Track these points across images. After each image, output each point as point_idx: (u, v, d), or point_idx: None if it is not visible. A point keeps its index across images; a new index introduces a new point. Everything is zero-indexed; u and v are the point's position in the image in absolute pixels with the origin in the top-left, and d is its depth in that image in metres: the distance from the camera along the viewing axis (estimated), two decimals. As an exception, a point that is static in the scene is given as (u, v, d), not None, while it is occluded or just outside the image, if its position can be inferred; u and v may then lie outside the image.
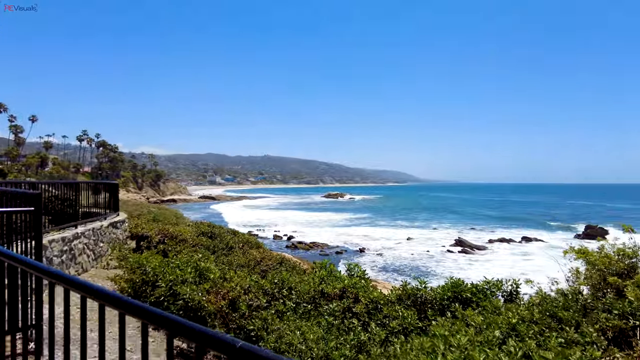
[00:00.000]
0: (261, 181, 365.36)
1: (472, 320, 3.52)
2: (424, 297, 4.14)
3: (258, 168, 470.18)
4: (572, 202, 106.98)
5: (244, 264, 8.19)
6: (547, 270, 22.05)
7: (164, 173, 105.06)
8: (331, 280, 5.13)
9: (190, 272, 5.44)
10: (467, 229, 48.52)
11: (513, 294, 4.98)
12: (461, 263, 29.85)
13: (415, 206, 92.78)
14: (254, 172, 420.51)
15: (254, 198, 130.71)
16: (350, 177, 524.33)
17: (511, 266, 27.86)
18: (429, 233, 45.70)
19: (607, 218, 58.62)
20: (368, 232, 46.73)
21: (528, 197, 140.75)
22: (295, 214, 72.06)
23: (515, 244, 37.81)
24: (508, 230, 46.49)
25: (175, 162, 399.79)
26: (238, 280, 5.35)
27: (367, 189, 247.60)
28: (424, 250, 35.24)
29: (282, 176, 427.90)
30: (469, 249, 35.11)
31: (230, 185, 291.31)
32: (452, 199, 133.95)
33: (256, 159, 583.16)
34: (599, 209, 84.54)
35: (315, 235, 44.27)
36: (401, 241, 40.03)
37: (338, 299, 4.79)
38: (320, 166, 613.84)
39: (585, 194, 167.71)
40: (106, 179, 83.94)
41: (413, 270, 27.81)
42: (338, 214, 71.48)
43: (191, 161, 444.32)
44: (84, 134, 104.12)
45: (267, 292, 5.24)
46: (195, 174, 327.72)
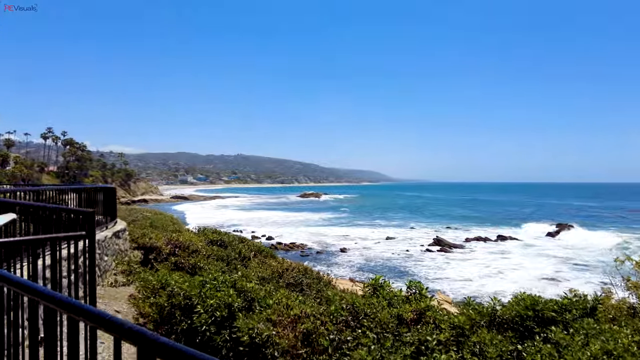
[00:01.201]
0: (234, 181, 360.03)
1: (577, 347, 2.99)
2: (502, 317, 3.62)
3: (231, 167, 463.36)
4: (541, 201, 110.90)
5: (268, 277, 7.38)
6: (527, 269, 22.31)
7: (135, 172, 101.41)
8: (397, 301, 4.55)
9: (232, 294, 4.60)
10: (444, 228, 49.18)
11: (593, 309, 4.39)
12: (441, 262, 30.02)
13: (391, 205, 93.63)
14: (227, 171, 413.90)
15: (228, 198, 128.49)
16: (325, 177, 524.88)
17: (490, 265, 28.26)
18: (408, 232, 46.02)
19: (573, 217, 61.28)
20: (347, 231, 46.55)
21: (498, 196, 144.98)
22: (272, 214, 71.14)
23: (492, 243, 38.52)
24: (483, 229, 47.39)
25: (145, 161, 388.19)
26: (302, 307, 4.44)
27: (342, 189, 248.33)
28: (403, 249, 35.35)
29: (256, 175, 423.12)
30: (447, 247, 35.47)
31: (203, 185, 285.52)
32: (426, 198, 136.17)
33: (229, 158, 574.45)
34: (566, 207, 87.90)
35: (293, 235, 43.72)
36: (380, 241, 40.06)
37: (414, 324, 4.07)
38: (295, 165, 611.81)
39: (555, 193, 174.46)
40: (74, 178, 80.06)
41: (395, 270, 27.77)
42: (316, 214, 71.09)
43: (162, 160, 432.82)
44: (48, 132, 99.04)
45: (337, 320, 4.27)
46: (166, 174, 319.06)
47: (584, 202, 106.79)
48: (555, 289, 21.40)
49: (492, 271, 26.31)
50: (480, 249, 34.98)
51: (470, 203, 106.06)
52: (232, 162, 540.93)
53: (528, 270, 25.72)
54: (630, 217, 64.59)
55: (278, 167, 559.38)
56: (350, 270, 27.63)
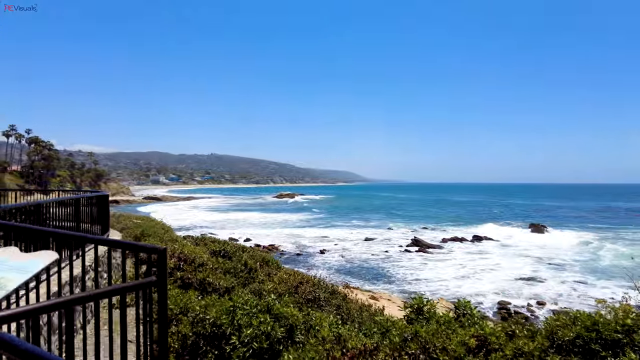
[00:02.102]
0: (208, 181, 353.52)
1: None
2: (562, 339, 3.35)
3: (204, 167, 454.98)
4: (511, 202, 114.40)
5: (284, 292, 6.75)
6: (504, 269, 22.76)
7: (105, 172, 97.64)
8: (453, 326, 4.18)
9: (269, 321, 4.02)
10: (421, 228, 49.81)
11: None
12: (421, 263, 30.28)
13: (368, 206, 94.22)
14: (200, 171, 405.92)
15: (202, 198, 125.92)
16: (300, 177, 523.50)
17: (467, 265, 28.70)
18: (386, 233, 46.30)
19: (544, 217, 63.66)
20: (326, 232, 46.38)
21: (472, 197, 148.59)
22: (248, 215, 70.13)
23: (468, 243, 39.26)
24: (458, 229, 48.28)
25: (115, 161, 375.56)
26: (362, 339, 3.84)
27: (318, 189, 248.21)
28: (382, 250, 35.50)
29: (231, 176, 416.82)
30: (426, 248, 35.87)
31: (176, 185, 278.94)
32: (401, 198, 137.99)
33: (202, 158, 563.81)
34: (537, 207, 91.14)
35: (271, 237, 43.20)
36: (359, 241, 40.10)
37: (478, 352, 3.51)
38: (270, 166, 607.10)
39: (524, 194, 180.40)
40: (39, 178, 76.27)
41: (374, 271, 27.81)
42: (293, 215, 70.59)
43: (133, 160, 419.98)
44: (11, 129, 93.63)
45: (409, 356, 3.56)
46: (137, 174, 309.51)
47: (554, 202, 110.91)
48: (533, 289, 21.97)
49: (470, 271, 26.72)
50: (457, 249, 35.56)
51: (445, 203, 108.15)
52: (206, 162, 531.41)
53: (505, 271, 26.28)
54: (591, 217, 67.76)
55: (253, 167, 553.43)
56: (329, 272, 27.45)
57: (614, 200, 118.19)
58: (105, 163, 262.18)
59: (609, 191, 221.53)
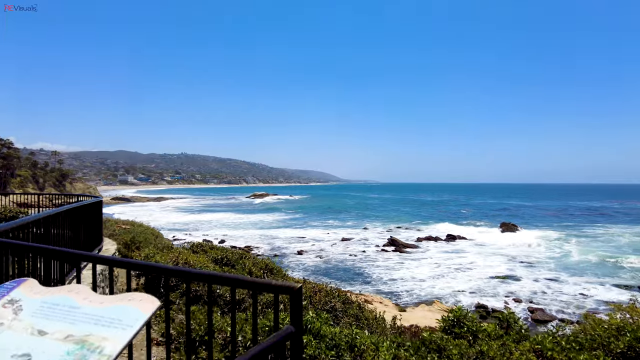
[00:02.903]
0: (178, 181, 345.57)
1: None
2: (616, 350, 3.16)
3: (174, 167, 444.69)
4: (481, 201, 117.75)
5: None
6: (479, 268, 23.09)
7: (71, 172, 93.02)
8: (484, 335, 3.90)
9: (313, 343, 3.45)
10: (396, 228, 50.30)
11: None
12: (397, 262, 30.43)
13: (343, 206, 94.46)
14: (170, 171, 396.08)
15: (173, 199, 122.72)
16: (274, 177, 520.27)
17: (442, 264, 29.07)
18: (362, 233, 46.42)
19: (512, 216, 65.86)
20: (302, 233, 46.00)
21: (441, 196, 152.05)
22: (222, 216, 68.75)
23: (442, 242, 39.89)
24: (432, 228, 49.08)
25: (81, 160, 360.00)
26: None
27: (292, 189, 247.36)
28: (359, 250, 35.49)
29: (202, 176, 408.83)
30: (402, 247, 36.14)
31: (145, 186, 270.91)
32: (375, 198, 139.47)
33: (172, 158, 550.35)
34: (506, 206, 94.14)
35: (247, 238, 42.44)
36: (336, 242, 39.96)
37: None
38: (242, 165, 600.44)
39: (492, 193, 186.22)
40: (-4, 178, 71.57)
41: (351, 271, 27.70)
42: (269, 215, 69.76)
43: (99, 159, 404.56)
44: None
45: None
46: (104, 173, 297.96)
47: (522, 202, 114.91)
48: (508, 287, 22.44)
49: (445, 270, 27.03)
50: (433, 249, 36.03)
51: (417, 203, 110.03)
52: (176, 161, 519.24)
53: (480, 269, 26.77)
54: (556, 216, 70.66)
55: (224, 167, 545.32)
56: (305, 273, 27.13)
57: (577, 200, 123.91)
58: (70, 162, 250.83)
59: (573, 191, 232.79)
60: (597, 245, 35.12)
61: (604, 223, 55.81)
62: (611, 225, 52.35)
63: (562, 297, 19.73)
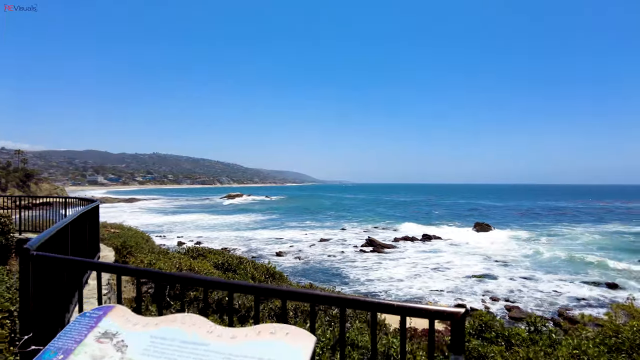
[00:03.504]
0: (150, 181, 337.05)
1: None
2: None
3: (146, 167, 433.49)
4: (453, 201, 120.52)
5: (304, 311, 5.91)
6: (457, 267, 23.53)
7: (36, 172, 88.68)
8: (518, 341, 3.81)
9: (353, 355, 3.21)
10: (373, 228, 50.76)
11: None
12: (376, 262, 30.66)
13: (320, 207, 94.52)
14: (141, 171, 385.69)
15: (146, 200, 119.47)
16: (248, 178, 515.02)
17: (419, 264, 29.51)
18: (340, 233, 46.54)
19: (483, 216, 67.83)
20: (280, 234, 45.67)
21: (413, 197, 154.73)
22: (196, 217, 67.40)
23: (419, 242, 40.51)
24: (407, 228, 49.76)
25: (46, 160, 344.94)
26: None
27: (268, 189, 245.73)
28: (338, 251, 35.56)
29: (174, 176, 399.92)
30: (380, 248, 36.47)
31: (115, 186, 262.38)
32: (351, 199, 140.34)
33: (143, 158, 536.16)
34: (477, 206, 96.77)
35: (222, 239, 41.76)
36: (315, 242, 39.90)
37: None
38: (216, 166, 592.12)
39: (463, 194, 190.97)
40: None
41: (330, 272, 27.72)
42: (244, 216, 68.93)
43: (67, 158, 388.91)
44: None
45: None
46: (72, 173, 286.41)
47: (493, 202, 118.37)
48: (484, 285, 23.01)
49: (422, 270, 27.42)
50: (410, 249, 36.52)
51: (391, 204, 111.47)
52: (147, 161, 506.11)
53: (456, 269, 27.33)
54: (526, 216, 73.32)
55: (197, 167, 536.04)
56: (294, 277, 26.96)
57: (544, 200, 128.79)
58: (34, 162, 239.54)
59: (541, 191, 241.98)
60: (565, 244, 36.60)
61: (569, 222, 58.24)
62: (576, 225, 54.68)
63: (537, 294, 20.42)
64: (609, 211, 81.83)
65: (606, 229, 50.04)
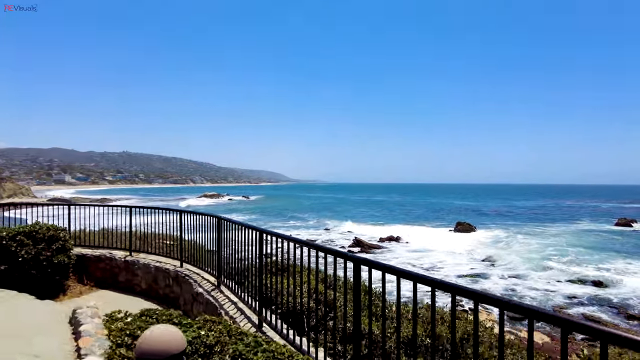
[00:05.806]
0: (121, 181, 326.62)
1: None
2: None
3: (116, 166, 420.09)
4: (433, 201, 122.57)
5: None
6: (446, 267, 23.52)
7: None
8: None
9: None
10: (357, 228, 50.67)
11: None
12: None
13: (299, 207, 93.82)
14: (111, 170, 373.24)
15: (119, 200, 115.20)
16: (222, 177, 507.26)
17: (413, 264, 29.60)
18: (325, 234, 46.15)
19: (465, 216, 69.19)
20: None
21: (392, 197, 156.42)
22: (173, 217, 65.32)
23: (404, 242, 40.66)
24: (391, 228, 49.92)
25: (8, 158, 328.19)
26: None
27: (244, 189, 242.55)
28: (326, 252, 35.20)
29: (146, 175, 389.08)
30: (368, 248, 36.39)
31: (84, 186, 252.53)
32: (329, 198, 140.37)
33: (113, 156, 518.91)
34: (451, 205, 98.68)
35: (206, 241, 40.56)
36: (301, 244, 39.37)
37: None
38: (189, 165, 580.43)
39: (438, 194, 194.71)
40: None
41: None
42: (227, 216, 67.31)
43: (30, 157, 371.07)
44: None
45: None
46: (37, 172, 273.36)
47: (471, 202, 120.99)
48: (478, 285, 23.20)
49: (415, 270, 27.49)
50: (398, 249, 36.55)
51: (371, 203, 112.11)
52: (117, 160, 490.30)
53: (448, 268, 27.48)
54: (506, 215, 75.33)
55: (169, 166, 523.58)
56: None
57: (519, 200, 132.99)
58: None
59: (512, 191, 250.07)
60: (547, 243, 37.58)
61: (543, 221, 60.13)
62: (550, 224, 56.52)
63: (531, 293, 20.73)
64: (594, 210, 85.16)
65: (580, 227, 52.01)
